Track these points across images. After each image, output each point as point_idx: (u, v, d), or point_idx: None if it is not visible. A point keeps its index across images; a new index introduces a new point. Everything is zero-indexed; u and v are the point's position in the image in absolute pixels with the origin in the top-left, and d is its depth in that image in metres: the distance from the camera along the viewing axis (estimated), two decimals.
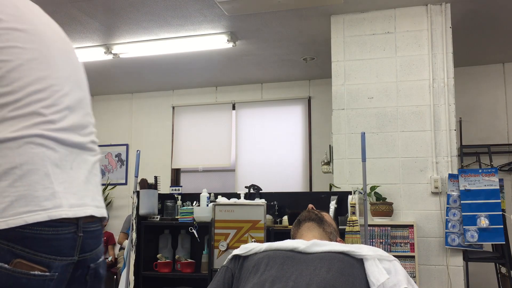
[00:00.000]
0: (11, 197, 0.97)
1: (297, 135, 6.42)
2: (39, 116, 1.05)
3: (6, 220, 0.94)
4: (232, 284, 1.53)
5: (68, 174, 1.08)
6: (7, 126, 1.02)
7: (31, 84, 1.06)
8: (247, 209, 3.63)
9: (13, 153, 1.00)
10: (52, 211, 1.00)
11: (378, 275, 1.42)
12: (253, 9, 4.25)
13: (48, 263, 1.00)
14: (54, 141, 1.07)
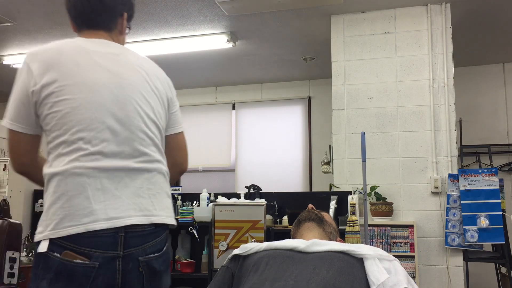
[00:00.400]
0: (61, 215, 1.35)
1: (297, 135, 6.42)
2: (81, 151, 1.38)
3: (58, 231, 1.35)
4: (232, 284, 1.53)
5: (111, 194, 1.39)
6: (60, 161, 1.38)
7: (75, 126, 1.38)
8: (247, 209, 3.63)
9: (63, 183, 1.37)
10: (89, 225, 1.34)
11: (378, 274, 1.42)
12: (253, 9, 4.25)
13: (89, 254, 1.33)
14: (94, 169, 1.38)
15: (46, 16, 4.56)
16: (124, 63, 1.52)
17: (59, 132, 1.39)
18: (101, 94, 1.43)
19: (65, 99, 1.39)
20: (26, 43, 5.21)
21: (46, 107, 1.40)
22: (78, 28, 1.58)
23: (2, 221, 2.22)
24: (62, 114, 1.39)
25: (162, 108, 1.60)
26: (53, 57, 1.44)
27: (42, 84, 1.41)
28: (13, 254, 2.17)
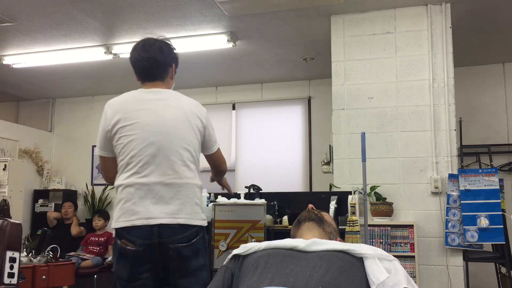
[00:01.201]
0: (120, 213, 2.06)
1: (297, 135, 6.42)
2: (132, 170, 2.07)
3: (117, 224, 2.05)
4: (232, 284, 1.53)
5: (149, 201, 2.04)
6: (122, 177, 2.10)
7: (129, 154, 2.08)
8: (247, 209, 3.63)
9: (122, 192, 2.08)
10: (134, 221, 2.02)
11: (378, 273, 1.42)
12: (253, 9, 4.25)
13: (134, 242, 2.01)
14: (139, 184, 2.06)
15: (46, 16, 4.56)
16: (168, 106, 2.17)
17: (122, 157, 2.10)
18: (147, 131, 2.09)
19: (125, 135, 2.09)
20: (26, 43, 5.21)
21: (115, 140, 2.12)
22: (142, 80, 2.29)
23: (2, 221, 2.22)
24: (124, 145, 2.09)
25: (195, 137, 2.19)
26: (120, 105, 2.16)
27: (112, 125, 2.11)
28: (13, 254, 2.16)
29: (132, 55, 2.27)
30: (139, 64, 2.24)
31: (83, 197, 7.00)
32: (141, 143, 2.07)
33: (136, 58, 2.25)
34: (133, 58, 2.26)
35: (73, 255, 5.61)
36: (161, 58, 2.28)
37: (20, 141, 6.82)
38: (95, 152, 2.30)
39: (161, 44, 2.34)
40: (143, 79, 2.27)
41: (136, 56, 2.25)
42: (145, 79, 2.27)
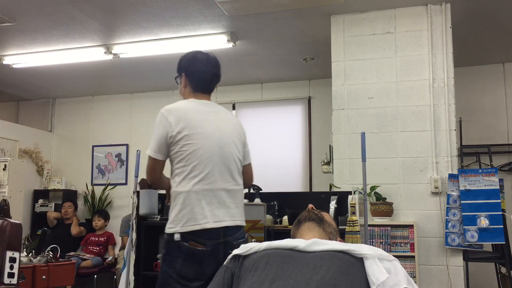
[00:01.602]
0: (187, 218, 2.18)
1: (297, 135, 6.42)
2: (197, 177, 2.21)
3: (185, 228, 2.18)
4: (232, 284, 1.53)
5: (215, 206, 2.22)
6: (185, 183, 2.21)
7: (195, 161, 2.21)
8: (247, 209, 3.61)
9: (187, 198, 2.20)
10: (204, 224, 2.18)
11: (378, 274, 1.42)
12: (253, 9, 4.25)
13: (204, 243, 2.17)
14: (205, 190, 2.22)
15: (46, 16, 4.56)
16: (222, 119, 2.35)
17: (185, 163, 2.21)
18: (211, 141, 2.25)
19: (191, 143, 2.22)
20: (26, 43, 5.21)
21: (178, 146, 2.22)
22: (194, 90, 2.38)
23: (2, 221, 2.22)
24: (189, 153, 2.21)
25: (242, 148, 2.44)
26: (182, 114, 2.26)
27: (177, 132, 2.21)
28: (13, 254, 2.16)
29: (196, 66, 2.38)
30: (203, 76, 2.37)
31: (83, 197, 7.00)
32: (206, 153, 2.24)
33: (202, 70, 2.37)
34: (197, 69, 2.37)
35: (73, 255, 5.61)
36: (220, 75, 2.46)
37: (20, 141, 6.82)
38: (147, 153, 2.27)
39: (218, 61, 2.48)
40: (197, 89, 2.39)
41: (202, 68, 2.37)
42: (199, 90, 2.39)
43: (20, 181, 6.18)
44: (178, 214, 2.20)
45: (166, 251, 2.24)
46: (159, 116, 2.28)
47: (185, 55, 2.43)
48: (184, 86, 2.41)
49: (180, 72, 2.43)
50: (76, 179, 7.14)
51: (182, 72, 2.41)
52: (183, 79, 2.41)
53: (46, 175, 7.06)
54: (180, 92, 2.45)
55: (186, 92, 2.41)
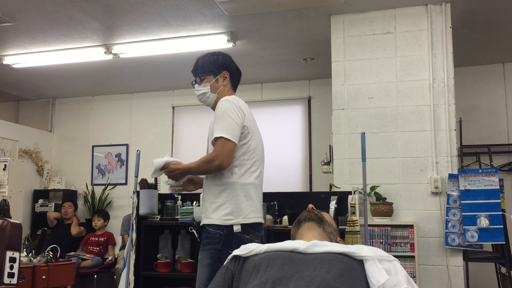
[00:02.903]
0: (250, 209, 2.26)
1: (297, 135, 6.42)
2: (257, 172, 2.33)
3: (247, 219, 2.22)
4: (232, 284, 1.53)
5: (258, 201, 2.32)
6: (248, 176, 2.29)
7: (254, 158, 2.32)
8: None
9: (252, 190, 2.29)
10: (260, 219, 2.30)
11: (378, 276, 1.42)
12: (253, 9, 4.25)
13: (257, 235, 2.28)
14: (260, 186, 2.35)
15: (46, 16, 4.56)
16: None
17: (248, 157, 2.29)
18: (261, 143, 2.42)
19: (253, 139, 2.33)
20: (26, 43, 5.21)
21: (246, 139, 2.30)
22: (233, 88, 2.50)
23: (2, 221, 2.22)
24: (253, 147, 2.32)
25: None
26: (247, 109, 2.35)
27: (248, 123, 2.31)
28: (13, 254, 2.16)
29: (235, 65, 2.50)
30: (238, 75, 2.52)
31: (83, 197, 7.00)
32: (261, 152, 2.39)
33: (236, 69, 2.50)
34: (237, 67, 2.51)
35: (73, 255, 5.61)
36: None
37: (20, 141, 6.82)
38: (225, 136, 2.22)
39: None
40: (234, 87, 2.52)
41: (236, 68, 2.51)
42: (235, 88, 2.52)
43: (20, 181, 6.18)
44: (240, 205, 2.21)
45: (221, 245, 2.17)
46: (231, 105, 2.28)
47: (214, 54, 2.47)
48: (225, 83, 2.45)
49: (219, 69, 2.43)
50: (76, 179, 7.14)
51: (224, 69, 2.44)
52: (224, 76, 2.44)
53: (46, 175, 7.06)
54: (214, 90, 2.45)
55: (225, 90, 2.45)
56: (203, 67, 2.45)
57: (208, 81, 2.44)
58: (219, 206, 2.22)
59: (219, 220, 2.20)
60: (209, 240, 2.21)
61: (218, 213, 2.21)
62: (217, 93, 2.44)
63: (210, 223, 2.23)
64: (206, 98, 2.48)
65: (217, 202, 2.24)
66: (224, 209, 2.20)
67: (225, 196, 2.22)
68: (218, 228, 2.19)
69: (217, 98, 2.43)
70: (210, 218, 2.24)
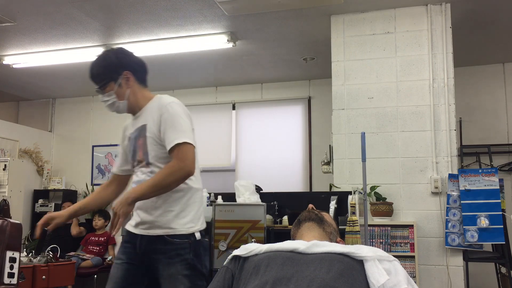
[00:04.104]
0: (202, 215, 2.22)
1: (297, 135, 6.41)
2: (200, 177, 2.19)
3: (203, 225, 2.19)
4: (232, 285, 1.52)
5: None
6: (199, 181, 2.18)
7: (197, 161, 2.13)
8: (247, 209, 3.63)
9: (200, 195, 2.20)
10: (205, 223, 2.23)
11: (378, 276, 1.42)
12: (253, 9, 4.24)
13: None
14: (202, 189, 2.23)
15: (46, 16, 4.56)
16: None
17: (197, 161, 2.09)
18: None
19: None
20: (26, 43, 5.21)
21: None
22: (143, 82, 2.21)
23: (2, 221, 2.21)
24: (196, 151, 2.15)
25: None
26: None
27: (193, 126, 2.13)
28: (13, 254, 2.16)
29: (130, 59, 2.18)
30: (141, 67, 2.22)
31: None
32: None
33: (136, 62, 2.20)
34: (133, 60, 2.19)
35: (73, 255, 5.61)
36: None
37: (20, 141, 6.81)
38: (187, 141, 2.03)
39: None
40: (143, 80, 2.23)
41: (136, 60, 2.20)
42: (144, 81, 2.23)
43: (20, 181, 6.18)
44: (197, 212, 2.12)
45: (192, 254, 2.05)
46: (182, 107, 2.10)
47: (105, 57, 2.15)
48: (130, 84, 2.14)
49: (117, 72, 2.12)
50: (76, 179, 7.14)
51: (122, 69, 2.12)
52: (126, 76, 2.13)
53: (46, 175, 7.06)
54: (121, 96, 2.14)
55: (136, 90, 2.16)
56: (99, 75, 2.13)
57: (111, 89, 2.12)
58: (177, 215, 2.05)
59: (183, 230, 2.05)
60: (178, 251, 2.04)
61: (178, 222, 2.05)
62: (127, 98, 2.14)
63: (172, 234, 2.05)
64: (116, 108, 2.17)
65: (174, 210, 2.06)
66: (184, 216, 2.06)
67: (184, 203, 2.07)
68: (185, 237, 2.05)
69: (131, 102, 2.16)
70: (170, 228, 2.05)
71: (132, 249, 2.14)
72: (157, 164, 2.09)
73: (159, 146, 2.09)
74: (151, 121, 2.10)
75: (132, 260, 2.14)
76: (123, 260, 2.17)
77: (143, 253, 2.11)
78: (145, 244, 2.10)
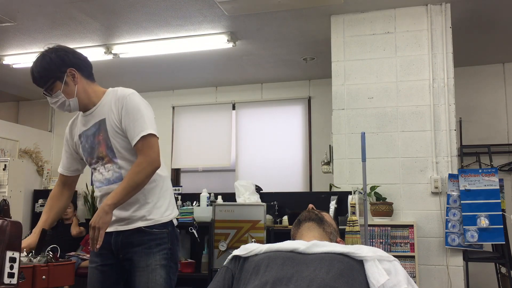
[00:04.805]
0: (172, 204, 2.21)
1: (297, 135, 6.42)
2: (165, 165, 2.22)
3: (174, 213, 2.20)
4: (232, 285, 1.53)
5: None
6: (165, 169, 2.19)
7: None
8: (247, 209, 3.63)
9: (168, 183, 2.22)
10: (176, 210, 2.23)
11: (378, 276, 1.42)
12: (253, 9, 4.25)
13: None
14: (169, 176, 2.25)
15: (46, 16, 4.56)
16: None
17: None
18: None
19: None
20: (26, 43, 5.21)
21: None
22: (89, 76, 2.20)
23: (2, 221, 2.22)
24: None
25: None
26: None
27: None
28: (13, 254, 2.16)
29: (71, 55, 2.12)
30: (83, 62, 2.17)
31: (83, 197, 7.00)
32: None
33: (78, 58, 2.15)
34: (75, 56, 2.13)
35: (73, 255, 5.61)
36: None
37: (20, 141, 6.81)
38: (152, 132, 2.07)
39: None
40: (89, 75, 2.22)
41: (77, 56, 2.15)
42: (90, 75, 2.23)
43: (20, 181, 6.18)
44: (171, 199, 2.16)
45: (170, 243, 2.08)
46: (140, 98, 2.12)
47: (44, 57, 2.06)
48: (77, 80, 2.10)
49: (61, 71, 2.06)
50: None
51: (65, 67, 2.06)
52: (72, 73, 2.08)
53: (46, 175, 7.06)
54: (70, 94, 2.08)
55: (84, 85, 2.13)
56: (42, 77, 2.05)
57: (58, 89, 2.06)
58: (154, 205, 2.07)
59: (162, 219, 2.08)
60: (157, 241, 2.05)
61: (156, 212, 2.07)
62: (76, 95, 2.09)
63: (151, 224, 2.05)
64: (67, 107, 2.11)
65: (151, 201, 2.07)
66: (160, 206, 2.08)
67: (158, 193, 2.09)
68: (163, 226, 2.08)
69: (82, 98, 2.12)
70: (148, 219, 2.05)
71: (106, 250, 2.12)
72: (126, 156, 2.08)
73: (122, 138, 2.07)
74: (111, 114, 2.08)
75: (106, 260, 2.16)
76: (97, 263, 2.20)
77: (119, 249, 2.10)
78: (121, 239, 2.09)
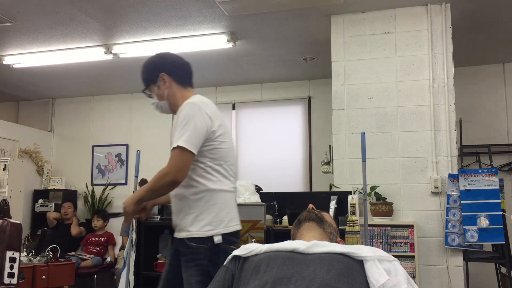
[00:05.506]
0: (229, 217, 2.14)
1: (297, 135, 6.42)
2: (231, 178, 2.17)
3: (229, 228, 2.11)
4: (232, 285, 1.52)
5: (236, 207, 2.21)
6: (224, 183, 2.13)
7: (229, 161, 2.15)
8: (247, 209, 3.63)
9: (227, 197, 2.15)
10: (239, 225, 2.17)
11: (378, 276, 1.42)
12: (253, 9, 4.25)
13: (238, 244, 2.04)
14: (235, 189, 2.21)
15: (46, 16, 4.56)
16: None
17: (222, 161, 2.12)
18: (233, 142, 2.32)
19: (226, 141, 2.14)
20: (26, 43, 5.21)
21: (217, 143, 2.10)
22: (183, 83, 2.25)
23: (2, 221, 2.22)
24: (226, 151, 2.13)
25: None
26: (214, 110, 2.14)
27: (217, 127, 2.10)
28: (13, 254, 2.16)
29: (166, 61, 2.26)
30: (179, 69, 2.27)
31: (83, 197, 7.00)
32: (234, 153, 2.25)
33: (173, 64, 2.26)
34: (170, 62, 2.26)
35: (73, 255, 5.61)
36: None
37: (20, 141, 6.82)
38: (183, 146, 1.99)
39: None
40: (183, 82, 2.27)
41: (173, 62, 2.26)
42: (184, 82, 2.27)
43: (20, 181, 6.18)
44: (218, 214, 2.05)
45: (207, 260, 2.00)
46: (196, 108, 2.06)
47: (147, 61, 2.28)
48: (168, 85, 2.22)
49: (154, 75, 2.22)
50: (76, 179, 7.14)
51: (158, 72, 2.22)
52: (163, 78, 2.21)
53: (46, 175, 7.06)
54: (161, 97, 2.24)
55: (174, 91, 2.22)
56: (143, 79, 2.28)
57: (153, 91, 2.25)
58: (196, 217, 2.05)
59: (199, 233, 2.03)
60: (193, 256, 2.03)
61: (196, 224, 2.04)
62: (166, 99, 2.23)
63: (190, 237, 2.05)
64: (159, 108, 2.27)
65: (193, 212, 2.06)
66: (202, 219, 2.04)
67: (202, 205, 2.06)
68: (201, 241, 2.03)
69: (171, 102, 2.23)
70: (188, 231, 2.06)
71: (173, 250, 2.23)
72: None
73: None
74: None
75: (172, 261, 2.22)
76: (168, 261, 2.29)
77: (177, 254, 2.17)
78: (175, 245, 2.18)
